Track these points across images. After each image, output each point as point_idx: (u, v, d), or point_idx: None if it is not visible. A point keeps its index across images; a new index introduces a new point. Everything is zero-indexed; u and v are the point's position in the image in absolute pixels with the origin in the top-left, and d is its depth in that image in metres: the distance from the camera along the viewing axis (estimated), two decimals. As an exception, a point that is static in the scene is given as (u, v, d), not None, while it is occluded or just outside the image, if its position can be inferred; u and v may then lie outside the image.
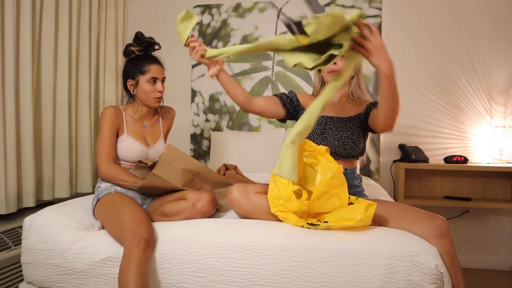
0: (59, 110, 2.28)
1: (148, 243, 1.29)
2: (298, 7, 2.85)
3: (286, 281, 1.26)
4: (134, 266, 1.23)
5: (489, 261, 2.62)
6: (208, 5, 2.97)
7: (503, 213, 2.63)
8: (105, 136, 1.65)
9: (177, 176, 1.56)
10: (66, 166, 2.28)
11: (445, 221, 1.32)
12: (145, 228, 1.31)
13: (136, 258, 1.24)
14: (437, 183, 2.67)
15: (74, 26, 2.39)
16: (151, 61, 1.72)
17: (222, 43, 2.95)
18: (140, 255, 1.25)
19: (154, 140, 1.78)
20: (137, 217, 1.36)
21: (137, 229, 1.29)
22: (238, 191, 1.45)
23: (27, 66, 1.99)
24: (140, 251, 1.26)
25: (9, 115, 1.89)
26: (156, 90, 1.71)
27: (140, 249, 1.26)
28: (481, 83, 2.66)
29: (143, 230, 1.29)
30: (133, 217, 1.35)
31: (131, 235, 1.28)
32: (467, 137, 2.68)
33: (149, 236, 1.30)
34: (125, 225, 1.33)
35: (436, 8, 2.71)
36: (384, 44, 1.19)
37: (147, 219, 1.40)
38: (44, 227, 1.44)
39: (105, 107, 1.71)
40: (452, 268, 1.26)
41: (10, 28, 1.89)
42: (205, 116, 2.98)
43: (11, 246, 1.79)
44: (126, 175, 1.61)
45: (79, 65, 2.47)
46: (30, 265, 1.44)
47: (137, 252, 1.25)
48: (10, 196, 1.88)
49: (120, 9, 2.93)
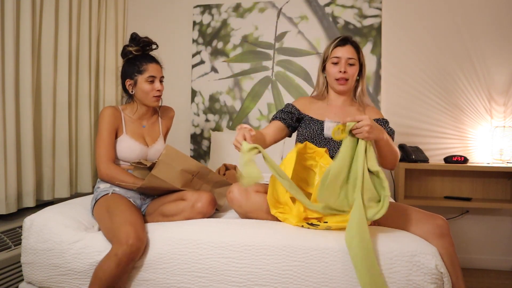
0: (59, 110, 2.28)
1: (132, 256, 1.29)
2: (298, 7, 2.85)
3: (286, 281, 1.26)
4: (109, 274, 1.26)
5: (489, 261, 2.62)
6: (208, 5, 2.97)
7: (503, 213, 2.63)
8: (104, 137, 1.65)
9: (176, 177, 1.56)
10: (66, 166, 2.28)
11: (445, 221, 1.32)
12: (133, 240, 1.29)
13: (115, 270, 1.26)
14: (437, 183, 2.67)
15: (74, 26, 2.39)
16: (149, 60, 1.72)
17: (222, 43, 2.95)
18: (119, 267, 1.27)
19: (153, 140, 1.78)
20: (127, 224, 1.34)
21: (124, 239, 1.29)
22: (238, 190, 1.45)
23: (27, 66, 1.98)
24: (120, 264, 1.27)
25: (9, 115, 1.89)
26: (154, 89, 1.71)
27: (121, 262, 1.27)
28: (481, 83, 2.66)
29: (130, 242, 1.28)
30: (125, 224, 1.34)
31: (118, 244, 1.29)
32: (467, 137, 2.68)
33: (134, 249, 1.29)
34: (115, 231, 1.33)
35: (436, 8, 2.71)
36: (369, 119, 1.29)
37: (140, 227, 1.37)
38: (44, 227, 1.44)
39: (104, 108, 1.71)
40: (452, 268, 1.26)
41: (10, 28, 1.89)
42: (205, 116, 2.98)
43: (11, 246, 1.78)
44: (126, 176, 1.61)
45: (79, 65, 2.47)
46: (30, 265, 1.44)
47: (117, 264, 1.26)
48: (10, 196, 1.88)
49: (120, 9, 2.93)
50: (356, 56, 1.60)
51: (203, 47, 2.98)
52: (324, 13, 2.82)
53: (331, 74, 1.62)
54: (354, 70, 1.60)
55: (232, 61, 2.94)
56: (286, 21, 2.87)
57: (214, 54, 2.96)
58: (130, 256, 1.28)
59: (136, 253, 1.30)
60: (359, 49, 1.63)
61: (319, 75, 1.71)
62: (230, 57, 2.94)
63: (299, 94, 2.83)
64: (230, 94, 2.94)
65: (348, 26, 2.78)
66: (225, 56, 2.95)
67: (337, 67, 1.59)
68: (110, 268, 1.26)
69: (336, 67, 1.59)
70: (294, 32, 2.86)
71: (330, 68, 1.62)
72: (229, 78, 2.94)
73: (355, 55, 1.60)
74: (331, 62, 1.61)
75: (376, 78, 2.74)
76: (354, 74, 1.61)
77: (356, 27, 2.77)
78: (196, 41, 2.98)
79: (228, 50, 2.94)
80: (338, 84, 1.60)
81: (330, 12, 2.81)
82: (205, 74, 2.97)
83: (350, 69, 1.59)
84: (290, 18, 2.86)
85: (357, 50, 1.62)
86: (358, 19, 2.77)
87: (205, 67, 2.97)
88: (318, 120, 1.62)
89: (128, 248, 1.27)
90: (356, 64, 1.60)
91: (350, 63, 1.59)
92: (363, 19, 2.76)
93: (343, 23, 2.79)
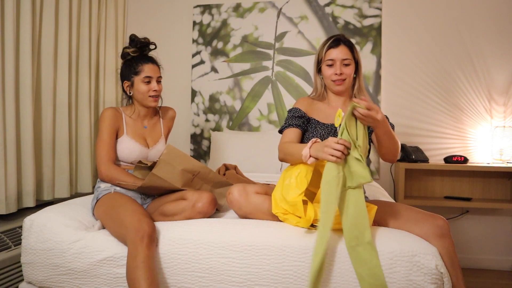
0: (59, 110, 2.28)
1: (152, 238, 1.30)
2: (298, 7, 2.85)
3: (286, 281, 1.26)
4: (141, 261, 1.24)
5: (489, 261, 2.62)
6: (208, 5, 2.97)
7: (503, 213, 2.63)
8: (105, 137, 1.65)
9: (176, 176, 1.56)
10: (66, 166, 2.28)
11: (446, 221, 1.32)
12: (147, 224, 1.31)
13: (142, 253, 1.25)
14: (437, 183, 2.67)
15: (74, 26, 2.39)
16: (145, 61, 1.72)
17: (222, 43, 2.95)
18: (146, 250, 1.26)
19: (155, 141, 1.78)
20: (137, 214, 1.36)
21: (138, 226, 1.29)
22: (238, 192, 1.45)
23: (27, 66, 1.98)
24: (144, 246, 1.26)
25: (9, 115, 1.89)
26: (151, 89, 1.71)
27: (144, 245, 1.26)
28: (481, 83, 2.66)
29: (144, 226, 1.30)
30: (134, 214, 1.35)
31: (134, 232, 1.28)
32: (467, 137, 2.68)
33: (151, 231, 1.30)
34: (126, 223, 1.33)
35: (436, 8, 2.71)
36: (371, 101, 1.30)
37: (147, 215, 1.40)
38: (44, 227, 1.44)
39: (105, 109, 1.71)
40: (452, 268, 1.26)
41: (10, 28, 1.89)
42: (205, 116, 2.98)
43: (11, 246, 1.78)
44: (126, 176, 1.61)
45: (79, 65, 2.47)
46: (30, 265, 1.44)
47: (142, 248, 1.26)
48: (10, 196, 1.88)
49: (120, 9, 2.93)
50: (350, 56, 1.57)
51: (203, 47, 2.98)
52: (324, 13, 2.82)
53: (327, 76, 1.60)
54: (350, 70, 1.58)
55: (232, 61, 2.94)
56: (286, 21, 2.87)
57: (214, 54, 2.96)
58: (150, 237, 1.28)
59: (153, 234, 1.31)
60: (353, 48, 1.60)
61: (316, 78, 1.68)
62: (230, 57, 2.94)
63: (299, 94, 2.83)
64: (230, 94, 2.94)
65: (348, 26, 2.78)
66: (225, 56, 2.95)
67: (332, 69, 1.57)
68: (139, 255, 1.24)
69: (332, 69, 1.57)
70: (294, 32, 2.86)
71: (325, 71, 1.60)
72: (229, 78, 2.94)
73: (350, 54, 1.57)
74: (326, 64, 1.58)
75: (376, 78, 2.74)
76: (351, 74, 1.59)
77: (356, 27, 2.77)
78: (196, 41, 2.98)
79: (228, 50, 2.94)
80: (336, 85, 1.59)
81: (330, 12, 2.81)
82: (205, 74, 2.97)
83: (346, 70, 1.57)
84: (290, 18, 2.86)
85: (351, 49, 1.59)
86: (358, 19, 2.77)
87: (205, 67, 2.97)
88: (324, 123, 1.60)
89: (145, 231, 1.28)
90: (352, 64, 1.58)
91: (345, 64, 1.57)
92: (363, 19, 2.76)
93: (343, 23, 2.79)
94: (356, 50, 1.62)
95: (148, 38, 1.77)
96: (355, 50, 1.61)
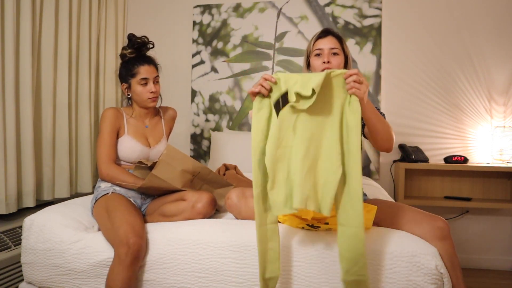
0: (59, 110, 2.28)
1: (135, 255, 1.28)
2: (298, 7, 2.85)
3: (286, 281, 1.26)
4: (120, 280, 1.25)
5: (489, 261, 2.62)
6: (208, 5, 2.97)
7: (503, 213, 2.63)
8: (105, 137, 1.65)
9: (176, 177, 1.56)
10: (66, 166, 2.28)
11: (446, 223, 1.31)
12: (133, 239, 1.29)
13: (122, 274, 1.26)
14: (437, 183, 2.67)
15: (74, 26, 2.39)
16: (141, 63, 1.70)
17: (222, 43, 2.94)
18: (126, 271, 1.26)
19: (156, 141, 1.78)
20: (128, 224, 1.34)
21: (125, 240, 1.28)
22: (236, 196, 1.44)
23: (27, 66, 1.98)
24: (126, 265, 1.26)
25: (9, 115, 1.88)
26: (148, 91, 1.70)
27: (126, 263, 1.26)
28: (481, 83, 2.66)
29: (130, 241, 1.28)
30: (124, 224, 1.34)
31: (120, 245, 1.28)
32: (467, 137, 2.68)
33: (136, 248, 1.28)
34: (114, 231, 1.33)
35: (436, 8, 2.71)
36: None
37: (139, 226, 1.36)
38: (44, 227, 1.44)
39: (105, 109, 1.71)
40: (452, 269, 1.26)
41: (10, 28, 1.88)
42: (205, 116, 2.98)
43: (11, 246, 1.79)
44: (126, 176, 1.61)
45: (79, 65, 2.47)
46: (30, 265, 1.44)
47: (123, 267, 1.26)
48: (10, 196, 1.88)
49: (120, 9, 2.93)
50: (339, 46, 1.51)
51: (203, 47, 2.98)
52: (324, 13, 2.82)
53: (315, 67, 1.52)
54: (339, 59, 1.50)
55: (232, 61, 2.94)
56: (286, 21, 2.87)
57: (214, 54, 2.96)
58: (133, 255, 1.27)
59: (138, 251, 1.29)
60: (342, 40, 1.55)
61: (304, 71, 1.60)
62: (230, 57, 2.94)
63: (299, 94, 2.83)
64: (230, 94, 2.94)
65: (348, 26, 2.78)
66: (225, 56, 2.95)
67: (320, 59, 1.50)
68: (119, 274, 1.26)
69: (320, 59, 1.50)
70: (294, 32, 2.86)
71: (313, 61, 1.53)
72: (229, 78, 2.94)
73: (338, 45, 1.51)
74: (314, 54, 1.52)
75: (376, 78, 2.74)
76: (340, 64, 1.51)
77: (356, 27, 2.77)
78: (196, 41, 2.98)
79: (228, 50, 2.94)
80: None
81: (330, 12, 2.81)
82: (205, 74, 2.97)
83: (335, 59, 1.49)
84: (290, 18, 2.86)
85: (340, 40, 1.54)
86: (358, 19, 2.77)
87: (205, 67, 2.97)
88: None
89: (129, 248, 1.27)
90: (341, 54, 1.51)
91: (334, 53, 1.50)
92: (363, 19, 2.76)
93: (343, 23, 2.79)
94: (345, 44, 1.56)
95: (147, 37, 1.77)
96: (344, 42, 1.56)
